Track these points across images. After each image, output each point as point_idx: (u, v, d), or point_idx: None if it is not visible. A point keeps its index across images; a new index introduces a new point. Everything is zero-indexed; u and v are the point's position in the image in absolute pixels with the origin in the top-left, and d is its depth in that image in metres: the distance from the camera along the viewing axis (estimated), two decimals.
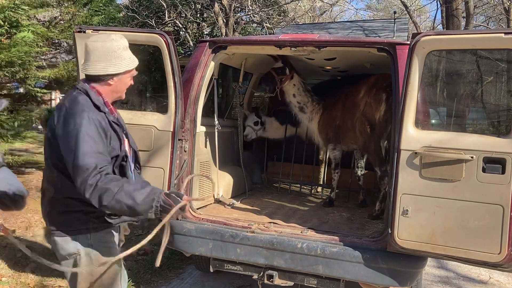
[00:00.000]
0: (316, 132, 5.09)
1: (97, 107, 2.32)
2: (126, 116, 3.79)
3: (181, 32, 17.51)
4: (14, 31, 6.86)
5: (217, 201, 4.64)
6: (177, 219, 3.69)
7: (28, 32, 6.77)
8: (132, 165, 2.54)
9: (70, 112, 2.24)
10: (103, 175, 2.16)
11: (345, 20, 28.26)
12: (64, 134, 2.22)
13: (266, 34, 15.58)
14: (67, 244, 2.43)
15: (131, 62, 2.44)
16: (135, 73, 2.49)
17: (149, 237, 2.27)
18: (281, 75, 4.80)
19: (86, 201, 2.20)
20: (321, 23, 23.08)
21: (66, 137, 2.21)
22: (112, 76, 2.38)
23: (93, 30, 3.69)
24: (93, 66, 2.34)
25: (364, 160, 5.05)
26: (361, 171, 5.03)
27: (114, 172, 2.31)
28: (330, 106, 4.94)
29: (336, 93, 5.01)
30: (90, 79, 2.38)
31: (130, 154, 2.51)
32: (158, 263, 2.42)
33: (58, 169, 2.31)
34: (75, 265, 2.44)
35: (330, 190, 5.03)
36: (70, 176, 2.22)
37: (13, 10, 6.53)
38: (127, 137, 2.53)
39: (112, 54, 2.35)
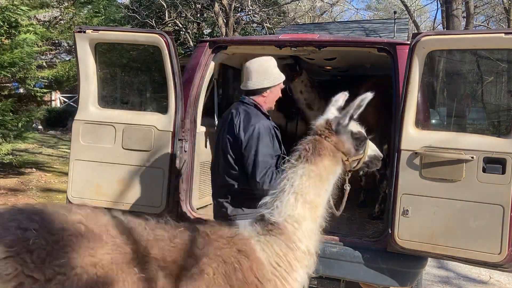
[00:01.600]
0: None
1: (266, 116, 2.93)
2: (126, 116, 3.79)
3: (181, 32, 17.52)
4: (13, 31, 6.86)
5: None
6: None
7: (30, 33, 6.78)
8: None
9: (247, 121, 2.82)
10: (274, 172, 2.71)
11: (346, 20, 28.27)
12: (245, 140, 2.79)
13: (266, 34, 15.59)
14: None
15: (280, 77, 2.98)
16: (282, 86, 3.02)
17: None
18: (293, 71, 4.82)
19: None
20: (321, 23, 23.08)
21: (247, 142, 2.77)
22: (266, 89, 2.93)
23: (93, 30, 3.69)
24: (253, 82, 2.93)
25: None
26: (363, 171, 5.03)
27: (276, 168, 2.79)
28: None
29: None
30: (250, 93, 2.97)
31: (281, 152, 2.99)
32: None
33: (238, 167, 2.86)
34: None
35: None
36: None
37: (12, 10, 6.53)
38: None
39: (265, 71, 2.92)
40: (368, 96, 2.24)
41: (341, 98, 2.42)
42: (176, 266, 1.89)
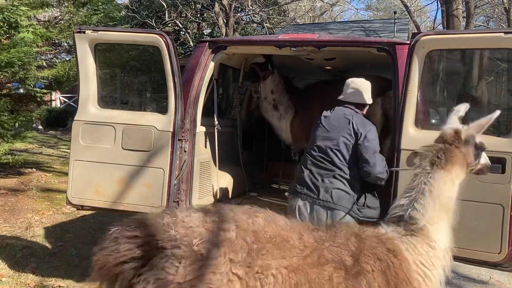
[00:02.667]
0: (287, 131, 5.14)
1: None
2: (126, 116, 3.79)
3: (181, 32, 17.52)
4: (13, 32, 6.86)
5: (217, 201, 4.63)
6: None
7: (28, 33, 6.77)
8: None
9: (363, 122, 3.29)
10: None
11: (346, 20, 28.27)
12: (368, 139, 3.19)
13: (266, 34, 15.58)
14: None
15: (371, 99, 3.51)
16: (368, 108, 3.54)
17: None
18: (264, 70, 4.81)
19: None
20: (321, 23, 23.08)
21: (366, 136, 3.19)
22: (363, 105, 3.46)
23: (93, 30, 3.70)
24: (367, 97, 3.44)
25: None
26: None
27: None
28: (306, 108, 5.04)
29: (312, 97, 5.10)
30: (357, 106, 3.43)
31: None
32: None
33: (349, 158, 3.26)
34: None
35: None
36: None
37: (11, 11, 6.53)
38: None
39: (367, 91, 3.43)
40: (497, 113, 2.47)
41: (462, 108, 2.56)
42: (343, 265, 2.04)
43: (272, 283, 1.86)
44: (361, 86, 3.44)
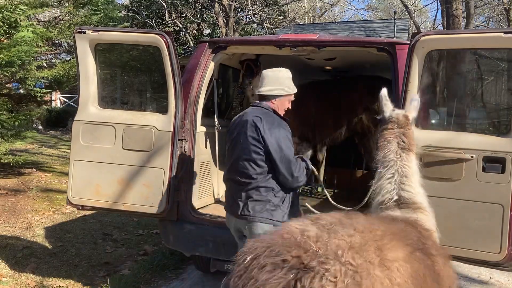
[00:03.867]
0: None
1: (284, 120, 3.09)
2: (126, 116, 3.80)
3: (181, 33, 17.52)
4: (13, 31, 6.86)
5: (217, 201, 4.63)
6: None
7: (27, 31, 6.77)
8: None
9: (271, 123, 2.98)
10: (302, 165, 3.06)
11: (346, 20, 28.27)
12: (273, 141, 2.94)
13: (266, 34, 15.57)
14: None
15: (290, 89, 3.11)
16: (292, 98, 3.16)
17: None
18: (256, 67, 4.85)
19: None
20: (322, 23, 23.09)
21: (276, 142, 2.93)
22: (275, 97, 3.08)
23: (93, 30, 3.70)
24: (264, 88, 3.09)
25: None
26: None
27: None
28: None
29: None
30: (261, 98, 3.13)
31: None
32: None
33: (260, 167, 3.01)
34: None
35: None
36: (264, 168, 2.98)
37: (11, 10, 6.53)
38: None
39: (277, 80, 3.07)
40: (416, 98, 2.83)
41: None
42: (424, 251, 2.08)
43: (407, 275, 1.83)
44: (273, 77, 3.10)
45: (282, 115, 3.15)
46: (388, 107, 2.82)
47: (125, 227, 6.32)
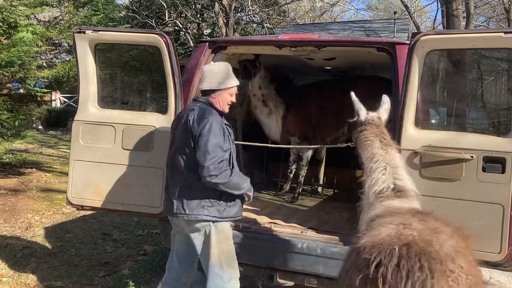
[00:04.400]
0: (278, 127, 5.18)
1: (219, 113, 3.07)
2: (126, 116, 3.80)
3: (181, 32, 17.52)
4: (12, 31, 6.86)
5: None
6: None
7: (27, 32, 6.77)
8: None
9: (201, 116, 2.95)
10: (226, 165, 2.92)
11: (346, 20, 28.25)
12: (198, 132, 2.90)
13: (266, 34, 15.57)
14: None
15: (228, 82, 3.11)
16: (233, 91, 3.16)
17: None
18: (254, 67, 4.86)
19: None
20: (321, 23, 23.08)
21: (199, 134, 2.89)
22: (213, 91, 3.08)
23: (93, 30, 3.70)
24: (202, 84, 3.13)
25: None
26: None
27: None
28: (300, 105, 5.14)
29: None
30: (204, 93, 3.14)
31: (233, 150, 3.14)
32: None
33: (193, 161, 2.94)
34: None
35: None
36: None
37: (10, 11, 6.53)
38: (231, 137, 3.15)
39: (213, 75, 3.09)
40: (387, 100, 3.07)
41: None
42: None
43: None
44: (208, 71, 3.14)
45: (226, 109, 3.15)
46: (363, 110, 3.02)
47: (125, 227, 6.32)
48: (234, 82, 3.16)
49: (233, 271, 3.09)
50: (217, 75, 3.10)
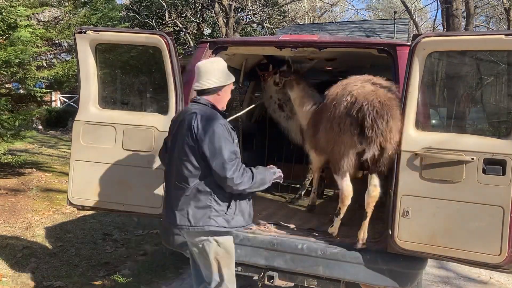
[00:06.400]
0: (296, 131, 5.04)
1: (222, 115, 2.94)
2: (127, 117, 3.80)
3: (181, 33, 17.52)
4: (11, 32, 6.86)
5: None
6: None
7: (24, 31, 6.76)
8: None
9: (206, 121, 2.79)
10: (243, 167, 2.83)
11: (346, 20, 28.26)
12: (207, 140, 2.75)
13: (266, 34, 15.58)
14: None
15: (230, 77, 3.03)
16: (232, 87, 3.09)
17: None
18: (263, 71, 4.83)
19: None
20: (322, 23, 23.07)
21: (210, 142, 2.75)
22: (221, 87, 2.96)
23: (94, 31, 3.70)
24: (199, 83, 2.95)
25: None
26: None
27: None
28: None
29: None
30: (203, 93, 2.96)
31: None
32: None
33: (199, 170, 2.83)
34: None
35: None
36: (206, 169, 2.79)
37: (9, 12, 6.53)
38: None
39: (209, 73, 2.94)
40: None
41: None
42: None
43: None
44: (205, 69, 2.95)
45: (224, 107, 3.04)
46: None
47: (125, 227, 6.32)
48: (230, 77, 3.05)
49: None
50: (223, 70, 2.98)
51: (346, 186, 3.59)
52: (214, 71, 2.95)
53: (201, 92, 2.98)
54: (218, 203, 2.82)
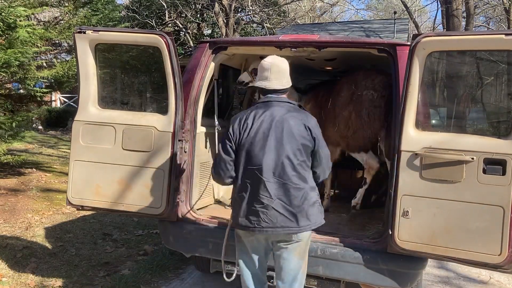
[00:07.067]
0: None
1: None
2: (126, 117, 3.79)
3: (181, 33, 17.52)
4: (11, 32, 6.85)
5: (217, 201, 4.63)
6: (178, 219, 3.72)
7: (22, 31, 6.76)
8: None
9: (306, 117, 2.86)
10: None
11: (346, 20, 28.26)
12: (316, 135, 2.82)
13: (266, 34, 15.58)
14: None
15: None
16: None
17: None
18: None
19: None
20: (322, 23, 23.09)
21: (318, 138, 2.84)
22: (287, 90, 2.98)
23: (93, 30, 3.70)
24: (283, 81, 2.91)
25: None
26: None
27: None
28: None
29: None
30: (278, 92, 2.92)
31: None
32: None
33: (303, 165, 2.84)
34: None
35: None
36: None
37: (9, 12, 6.52)
38: None
39: (282, 72, 2.92)
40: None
41: None
42: None
43: None
44: (283, 66, 2.92)
45: None
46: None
47: (125, 227, 6.32)
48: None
49: None
50: (286, 73, 2.95)
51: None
52: (287, 71, 2.95)
53: (274, 91, 2.90)
54: (319, 197, 2.94)
